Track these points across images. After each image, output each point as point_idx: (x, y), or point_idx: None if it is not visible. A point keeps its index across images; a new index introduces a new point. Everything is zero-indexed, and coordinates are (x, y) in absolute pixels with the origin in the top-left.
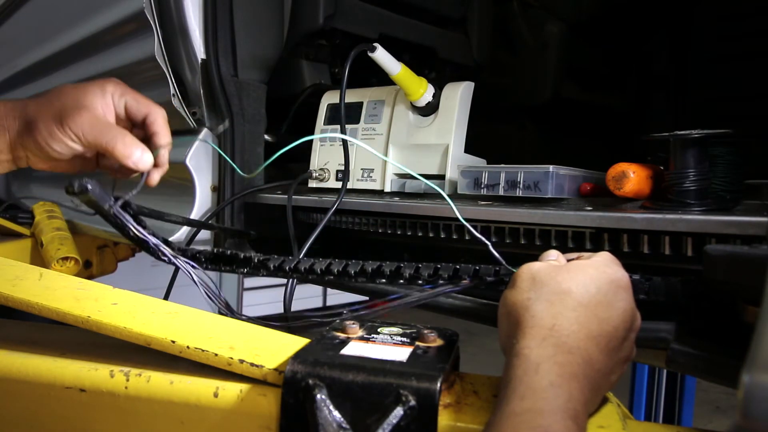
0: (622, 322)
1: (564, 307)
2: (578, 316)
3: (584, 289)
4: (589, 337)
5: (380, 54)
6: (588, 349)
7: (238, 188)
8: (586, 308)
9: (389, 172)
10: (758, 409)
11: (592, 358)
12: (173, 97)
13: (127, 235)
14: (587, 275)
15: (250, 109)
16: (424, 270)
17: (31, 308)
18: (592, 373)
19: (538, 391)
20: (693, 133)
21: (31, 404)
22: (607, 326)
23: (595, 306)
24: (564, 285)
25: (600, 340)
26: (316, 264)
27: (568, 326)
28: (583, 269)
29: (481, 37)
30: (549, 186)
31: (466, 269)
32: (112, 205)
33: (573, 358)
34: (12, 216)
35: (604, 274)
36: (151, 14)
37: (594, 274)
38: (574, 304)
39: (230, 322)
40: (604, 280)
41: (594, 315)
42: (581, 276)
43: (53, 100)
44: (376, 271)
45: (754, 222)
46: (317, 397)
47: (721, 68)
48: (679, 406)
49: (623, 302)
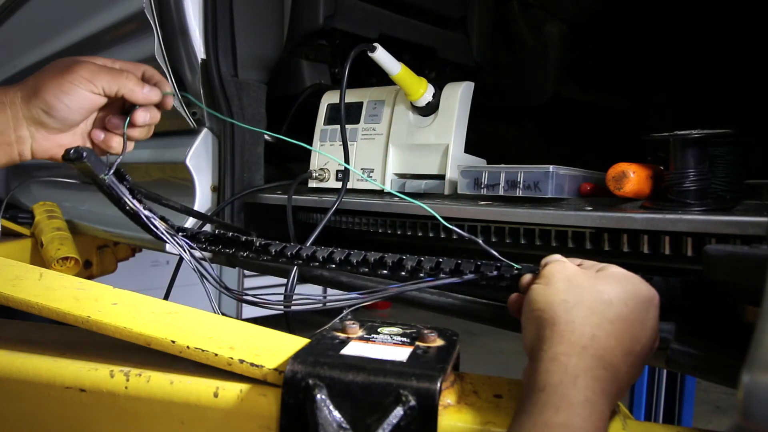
0: (649, 342)
1: (604, 318)
2: (617, 330)
3: (623, 302)
4: (623, 354)
5: (380, 54)
6: (620, 367)
7: (238, 188)
8: (623, 323)
9: (389, 172)
10: (758, 409)
11: (619, 377)
12: (173, 97)
13: (122, 207)
14: (625, 289)
15: (250, 109)
16: (426, 263)
17: (31, 308)
18: (615, 391)
19: (574, 406)
20: (693, 133)
21: (31, 404)
22: (637, 345)
23: (631, 322)
24: (605, 295)
25: (629, 359)
26: (318, 252)
27: (607, 340)
28: (620, 282)
29: (481, 37)
30: (549, 186)
31: (468, 264)
32: (107, 174)
33: (607, 375)
34: (12, 216)
35: (641, 291)
36: (151, 14)
37: (632, 290)
38: (613, 317)
39: (230, 322)
40: (641, 297)
41: (630, 332)
42: (619, 289)
43: (51, 65)
44: (378, 261)
45: (754, 222)
46: (317, 397)
47: (721, 68)
48: (679, 406)
49: (653, 321)
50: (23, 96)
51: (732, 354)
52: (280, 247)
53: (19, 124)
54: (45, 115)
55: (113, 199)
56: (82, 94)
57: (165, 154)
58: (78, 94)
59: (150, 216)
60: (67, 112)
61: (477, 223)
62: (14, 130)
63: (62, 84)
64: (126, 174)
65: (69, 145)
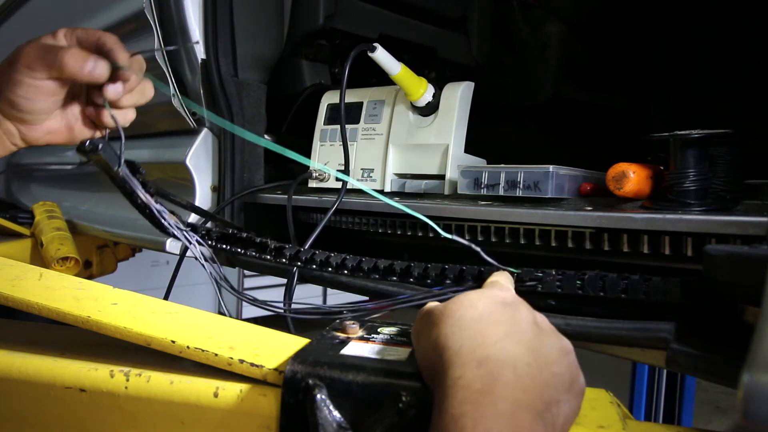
0: (528, 324)
1: (461, 330)
2: (470, 334)
3: (471, 307)
4: (499, 339)
5: (380, 54)
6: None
7: (238, 188)
8: (477, 323)
9: (389, 171)
10: (758, 409)
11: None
12: (173, 97)
13: (134, 201)
14: (478, 295)
15: (250, 109)
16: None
17: (31, 308)
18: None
19: None
20: (693, 133)
21: (31, 404)
22: (516, 327)
23: (490, 315)
24: (457, 312)
25: (510, 337)
26: (331, 258)
27: (470, 342)
28: (463, 295)
29: (481, 37)
30: (549, 186)
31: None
32: (121, 168)
33: (483, 374)
34: (12, 216)
35: (485, 294)
36: (151, 14)
37: (473, 296)
38: (466, 323)
39: (230, 322)
40: (488, 296)
41: (494, 325)
42: (465, 300)
43: (9, 58)
44: (388, 268)
45: (754, 222)
46: (317, 397)
47: (721, 68)
48: (679, 406)
49: (522, 308)
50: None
51: (732, 354)
52: (294, 251)
53: (1, 119)
54: (13, 111)
55: (125, 191)
56: (29, 84)
57: (165, 154)
58: (26, 85)
59: (161, 210)
60: (28, 103)
61: (477, 223)
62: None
63: (11, 76)
64: (140, 167)
65: (56, 129)
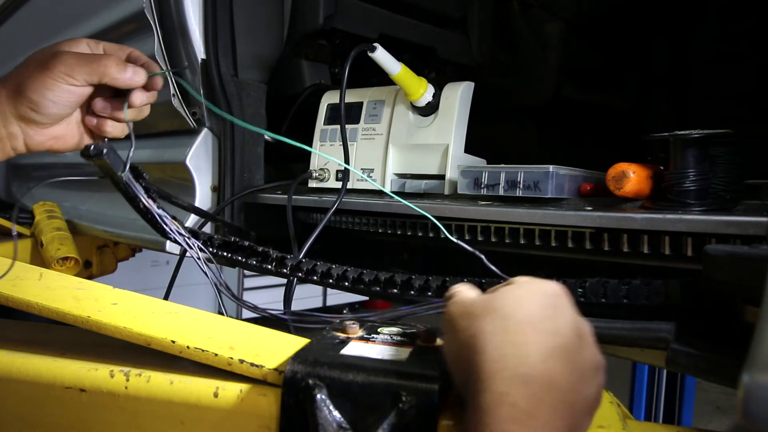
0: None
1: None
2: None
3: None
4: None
5: (380, 54)
6: (547, 370)
7: (238, 188)
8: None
9: (389, 171)
10: (758, 409)
11: (555, 380)
12: (173, 97)
13: (136, 206)
14: (517, 295)
15: (250, 109)
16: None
17: (31, 308)
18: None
19: None
20: (693, 133)
21: (31, 404)
22: (559, 339)
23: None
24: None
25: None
26: (333, 270)
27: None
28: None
29: (481, 37)
30: (549, 186)
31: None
32: (125, 172)
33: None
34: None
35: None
36: (151, 14)
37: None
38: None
39: (230, 322)
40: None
41: (538, 331)
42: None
43: (31, 59)
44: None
45: (754, 222)
46: (317, 397)
47: (721, 68)
48: (679, 406)
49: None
50: (7, 94)
51: (732, 354)
52: (294, 262)
53: (8, 121)
54: (33, 113)
55: (128, 196)
56: (65, 89)
57: (165, 154)
58: (61, 89)
59: (162, 215)
60: (54, 107)
61: (477, 223)
62: (3, 126)
63: (44, 81)
64: (143, 172)
65: (62, 135)
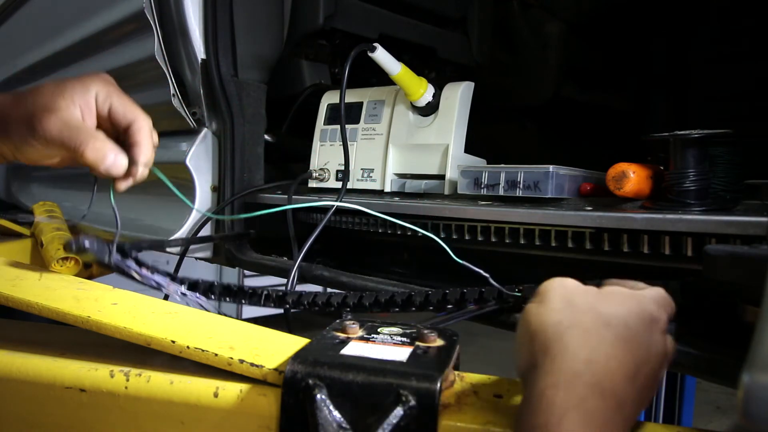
0: (658, 363)
1: (602, 340)
2: (617, 353)
3: (624, 323)
4: (627, 378)
5: (380, 54)
6: (624, 393)
7: (238, 188)
8: (625, 345)
9: (389, 171)
10: (758, 409)
11: (624, 404)
12: (173, 97)
13: (134, 279)
14: (627, 308)
15: (250, 109)
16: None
17: (31, 308)
18: (620, 419)
19: None
20: (693, 133)
21: (31, 404)
22: (644, 368)
23: (635, 344)
24: (604, 316)
25: (635, 384)
26: (332, 298)
27: (606, 364)
28: (621, 301)
29: (481, 37)
30: (549, 186)
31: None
32: (112, 258)
33: (606, 404)
34: (12, 216)
35: (645, 310)
36: (151, 14)
37: (635, 309)
38: (612, 338)
39: (230, 322)
40: (644, 317)
41: (633, 354)
42: (621, 308)
43: (28, 100)
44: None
45: (754, 222)
46: (317, 397)
47: (721, 68)
48: (679, 406)
49: (659, 340)
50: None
51: (732, 354)
52: (297, 296)
53: None
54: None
55: (123, 273)
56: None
57: (165, 154)
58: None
59: (160, 281)
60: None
61: (477, 223)
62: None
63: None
64: (130, 249)
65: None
